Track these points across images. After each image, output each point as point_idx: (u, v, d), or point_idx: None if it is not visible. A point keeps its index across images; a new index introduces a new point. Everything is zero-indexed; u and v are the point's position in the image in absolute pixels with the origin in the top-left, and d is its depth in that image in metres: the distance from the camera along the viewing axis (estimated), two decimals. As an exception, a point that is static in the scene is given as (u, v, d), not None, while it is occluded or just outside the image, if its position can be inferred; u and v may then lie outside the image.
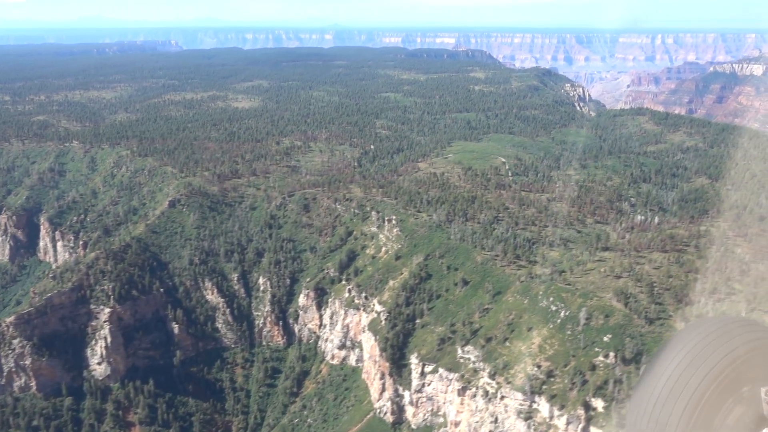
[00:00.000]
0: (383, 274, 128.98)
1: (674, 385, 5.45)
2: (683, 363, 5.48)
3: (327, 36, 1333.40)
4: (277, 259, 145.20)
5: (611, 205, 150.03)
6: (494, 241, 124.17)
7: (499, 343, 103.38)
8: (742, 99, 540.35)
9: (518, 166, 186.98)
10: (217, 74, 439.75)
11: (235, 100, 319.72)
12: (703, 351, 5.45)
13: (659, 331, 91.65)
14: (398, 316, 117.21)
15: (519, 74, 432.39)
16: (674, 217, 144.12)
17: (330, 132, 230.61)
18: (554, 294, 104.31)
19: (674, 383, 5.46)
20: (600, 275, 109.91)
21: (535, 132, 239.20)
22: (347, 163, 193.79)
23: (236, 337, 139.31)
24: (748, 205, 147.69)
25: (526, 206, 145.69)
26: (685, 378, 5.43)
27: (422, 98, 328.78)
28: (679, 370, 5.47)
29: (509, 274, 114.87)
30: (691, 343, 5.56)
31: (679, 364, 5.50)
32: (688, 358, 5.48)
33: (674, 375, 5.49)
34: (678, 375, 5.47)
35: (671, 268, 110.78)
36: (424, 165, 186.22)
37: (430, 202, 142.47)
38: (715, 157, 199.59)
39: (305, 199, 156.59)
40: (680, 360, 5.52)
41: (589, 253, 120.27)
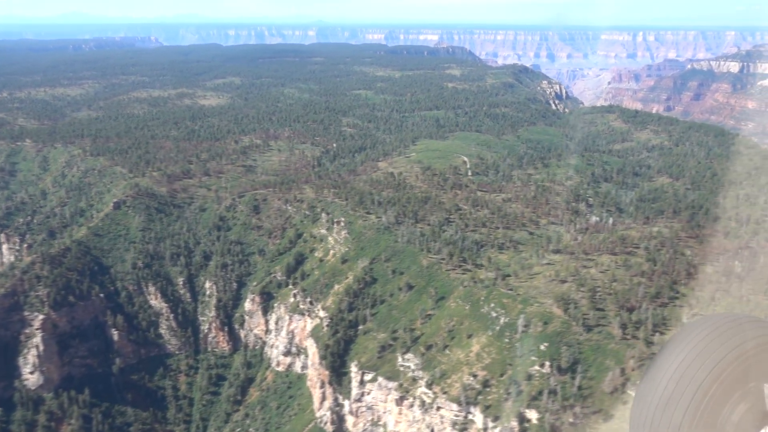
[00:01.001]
0: (329, 278, 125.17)
1: (679, 381, 5.35)
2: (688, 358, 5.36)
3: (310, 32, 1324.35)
4: (225, 262, 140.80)
5: (567, 206, 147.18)
6: (442, 243, 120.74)
7: (438, 351, 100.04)
8: (718, 96, 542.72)
9: (479, 165, 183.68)
10: (190, 71, 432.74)
11: (203, 98, 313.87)
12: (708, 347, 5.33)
13: (597, 339, 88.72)
14: (340, 322, 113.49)
15: (494, 71, 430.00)
16: (630, 218, 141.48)
17: (293, 130, 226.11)
18: (496, 300, 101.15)
19: (679, 379, 5.35)
20: (545, 280, 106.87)
21: (501, 130, 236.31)
22: (306, 162, 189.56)
23: (180, 344, 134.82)
24: (704, 204, 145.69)
25: (479, 207, 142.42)
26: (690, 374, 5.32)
27: (394, 95, 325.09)
28: (684, 366, 5.36)
29: (454, 279, 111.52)
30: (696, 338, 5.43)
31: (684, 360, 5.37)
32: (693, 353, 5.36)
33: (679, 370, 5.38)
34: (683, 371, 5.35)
35: (617, 272, 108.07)
36: (384, 164, 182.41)
37: (381, 203, 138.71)
38: (679, 155, 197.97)
39: (255, 200, 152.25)
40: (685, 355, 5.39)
41: (538, 256, 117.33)
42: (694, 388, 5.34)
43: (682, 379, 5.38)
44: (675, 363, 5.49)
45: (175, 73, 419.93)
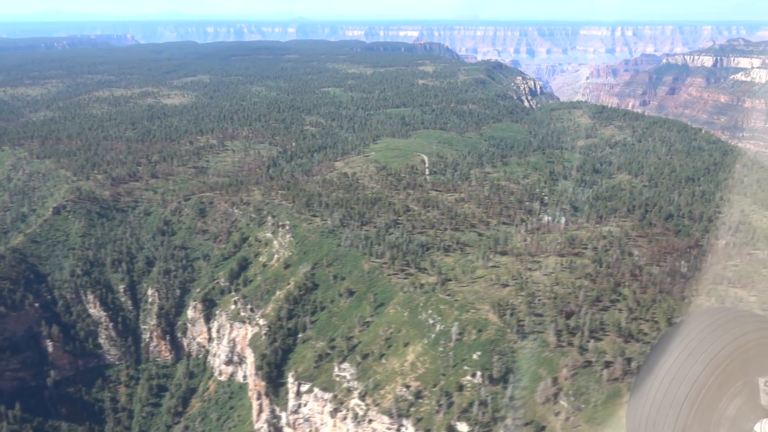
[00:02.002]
0: (271, 284, 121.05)
1: (675, 376, 5.36)
2: (684, 353, 5.37)
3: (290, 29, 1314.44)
4: (168, 268, 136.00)
5: (520, 205, 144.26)
6: (386, 246, 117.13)
7: (375, 360, 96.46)
8: (692, 90, 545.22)
9: (438, 164, 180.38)
10: (160, 69, 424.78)
11: (168, 97, 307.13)
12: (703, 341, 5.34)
13: (531, 347, 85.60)
14: (278, 330, 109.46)
15: (467, 68, 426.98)
16: (583, 217, 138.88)
17: (253, 130, 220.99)
18: (433, 306, 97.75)
19: (675, 374, 5.36)
20: (487, 284, 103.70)
21: (466, 128, 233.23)
22: (261, 162, 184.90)
23: (120, 354, 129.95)
24: (658, 202, 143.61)
25: (430, 208, 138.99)
26: (685, 368, 5.33)
27: (363, 93, 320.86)
28: (679, 361, 5.37)
29: (395, 284, 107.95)
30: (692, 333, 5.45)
31: (680, 355, 5.38)
32: (689, 348, 5.37)
33: (675, 365, 5.39)
34: (678, 366, 5.37)
35: (561, 275, 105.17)
36: (341, 164, 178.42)
37: (328, 205, 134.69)
38: (641, 152, 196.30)
39: (202, 204, 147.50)
40: (681, 350, 5.40)
41: (484, 258, 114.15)
42: (689, 384, 5.27)
43: (678, 374, 5.31)
44: (670, 358, 5.41)
45: (144, 71, 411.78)
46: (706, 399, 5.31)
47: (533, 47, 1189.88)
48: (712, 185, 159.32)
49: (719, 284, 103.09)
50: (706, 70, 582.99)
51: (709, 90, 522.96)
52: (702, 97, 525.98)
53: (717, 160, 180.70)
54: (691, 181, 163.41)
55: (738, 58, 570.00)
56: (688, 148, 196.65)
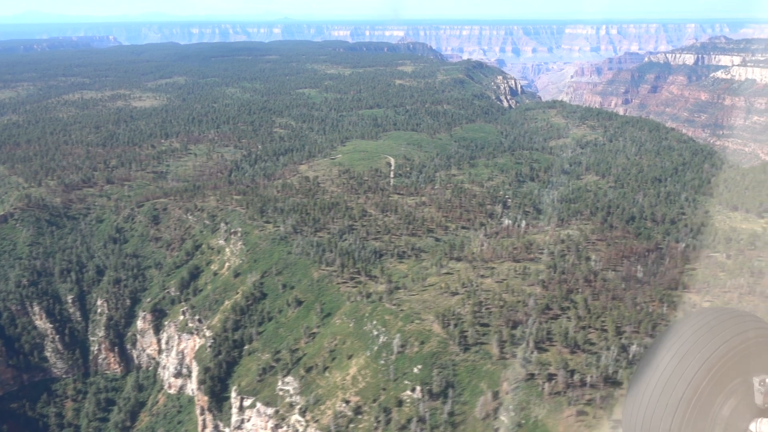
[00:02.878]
0: (220, 293, 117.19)
1: (670, 377, 5.34)
2: (678, 354, 5.35)
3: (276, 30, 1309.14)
4: (118, 277, 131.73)
5: (482, 209, 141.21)
6: (338, 253, 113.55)
7: (318, 374, 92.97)
8: (673, 88, 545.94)
9: (404, 166, 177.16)
10: (137, 71, 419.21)
11: (139, 99, 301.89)
12: (698, 342, 5.34)
13: (473, 359, 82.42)
14: (224, 342, 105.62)
15: (446, 68, 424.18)
16: (545, 220, 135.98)
17: (220, 133, 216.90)
18: (379, 316, 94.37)
19: (670, 374, 5.33)
20: (436, 292, 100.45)
21: (437, 129, 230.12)
22: (223, 166, 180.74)
23: (68, 367, 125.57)
24: (621, 204, 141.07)
25: (389, 212, 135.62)
26: (680, 369, 5.31)
27: (338, 94, 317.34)
28: (674, 362, 5.35)
29: (343, 293, 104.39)
30: (686, 333, 5.44)
31: (675, 355, 5.36)
32: (684, 348, 5.35)
33: (669, 366, 5.36)
34: (673, 366, 5.34)
35: (513, 282, 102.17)
36: (305, 167, 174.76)
37: (283, 211, 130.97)
38: (610, 152, 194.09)
39: (155, 210, 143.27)
40: (676, 351, 5.37)
41: (438, 265, 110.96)
42: (685, 384, 5.25)
43: (673, 374, 5.28)
44: (665, 358, 5.37)
45: (120, 73, 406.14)
46: (701, 399, 5.26)
47: (519, 46, 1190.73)
48: (678, 186, 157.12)
49: (674, 289, 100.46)
50: (687, 68, 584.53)
51: (690, 88, 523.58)
52: (683, 95, 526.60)
53: (686, 160, 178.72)
54: (657, 182, 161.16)
55: (719, 55, 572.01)
56: (658, 147, 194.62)
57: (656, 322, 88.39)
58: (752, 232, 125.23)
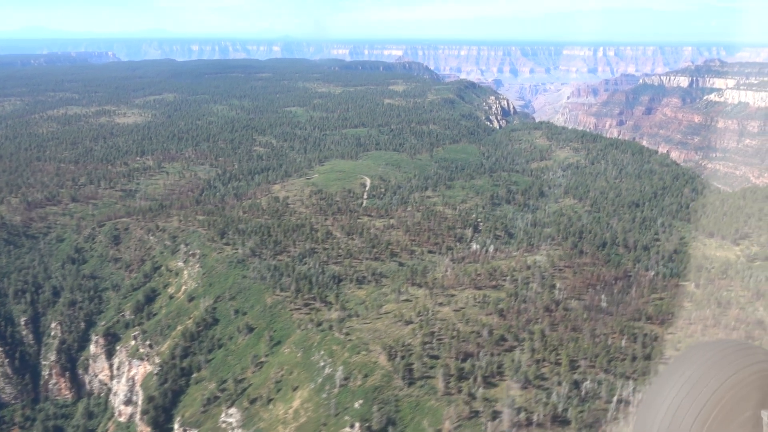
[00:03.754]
0: (173, 318, 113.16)
1: (677, 410, 5.24)
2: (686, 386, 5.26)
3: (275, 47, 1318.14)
4: (74, 299, 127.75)
5: (451, 232, 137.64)
6: (295, 278, 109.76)
7: (262, 406, 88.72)
8: (667, 111, 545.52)
9: (379, 187, 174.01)
10: (128, 87, 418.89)
11: (123, 116, 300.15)
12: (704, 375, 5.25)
13: (417, 394, 78.22)
14: (171, 370, 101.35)
15: (438, 87, 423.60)
16: (515, 245, 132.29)
17: (198, 150, 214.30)
18: (327, 346, 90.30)
19: (677, 407, 5.24)
20: (390, 320, 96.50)
21: (420, 149, 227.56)
22: (196, 185, 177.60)
23: (16, 392, 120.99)
24: (594, 229, 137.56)
25: (355, 235, 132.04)
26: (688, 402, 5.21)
27: (326, 112, 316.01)
28: (682, 394, 5.26)
29: (295, 320, 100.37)
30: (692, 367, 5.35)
31: (683, 388, 5.28)
32: (690, 382, 5.27)
33: (677, 399, 5.27)
34: (681, 399, 5.25)
35: (471, 311, 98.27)
36: (278, 187, 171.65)
37: (244, 232, 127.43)
38: (591, 175, 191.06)
39: (116, 230, 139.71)
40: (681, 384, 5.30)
41: (397, 291, 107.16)
42: (692, 417, 5.11)
43: (681, 407, 5.14)
44: (673, 391, 5.26)
45: (111, 89, 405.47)
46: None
47: (517, 67, 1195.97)
48: (655, 211, 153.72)
49: (637, 320, 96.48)
50: (682, 90, 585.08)
51: (684, 110, 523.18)
52: (676, 117, 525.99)
53: (666, 184, 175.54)
54: (635, 207, 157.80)
55: (713, 78, 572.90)
56: (639, 171, 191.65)
57: (613, 356, 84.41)
58: (725, 260, 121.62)
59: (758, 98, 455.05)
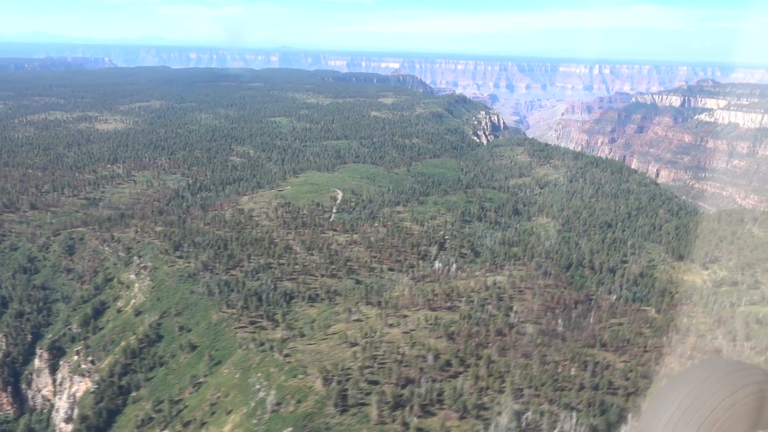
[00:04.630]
0: (118, 333, 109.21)
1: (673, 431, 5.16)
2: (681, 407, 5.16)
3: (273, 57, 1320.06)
4: (22, 310, 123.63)
5: (415, 250, 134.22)
6: (244, 294, 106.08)
7: (195, 429, 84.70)
8: (658, 129, 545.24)
9: (350, 201, 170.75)
10: (116, 93, 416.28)
11: (105, 122, 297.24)
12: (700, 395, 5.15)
13: (349, 423, 74.36)
14: (108, 388, 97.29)
15: (427, 101, 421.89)
16: (480, 264, 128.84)
17: (172, 159, 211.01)
18: (265, 368, 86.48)
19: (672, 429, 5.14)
20: (335, 342, 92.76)
21: (399, 162, 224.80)
22: (164, 195, 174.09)
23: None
24: (561, 249, 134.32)
25: (315, 250, 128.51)
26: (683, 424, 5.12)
27: (310, 123, 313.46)
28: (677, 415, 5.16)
29: (239, 339, 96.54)
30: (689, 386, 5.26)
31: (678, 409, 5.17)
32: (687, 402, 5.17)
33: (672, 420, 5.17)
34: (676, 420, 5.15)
35: (420, 333, 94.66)
36: (246, 199, 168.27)
37: (199, 245, 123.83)
38: (568, 193, 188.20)
39: (71, 239, 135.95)
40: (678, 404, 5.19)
41: (350, 310, 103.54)
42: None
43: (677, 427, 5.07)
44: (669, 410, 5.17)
45: (98, 95, 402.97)
46: None
47: (513, 82, 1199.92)
48: (627, 232, 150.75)
49: (591, 347, 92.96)
50: (674, 109, 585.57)
51: (674, 129, 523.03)
52: (667, 136, 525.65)
53: (642, 205, 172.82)
54: (607, 227, 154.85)
55: (705, 98, 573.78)
56: (616, 190, 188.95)
57: (560, 386, 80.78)
58: (691, 285, 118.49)
59: (748, 119, 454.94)
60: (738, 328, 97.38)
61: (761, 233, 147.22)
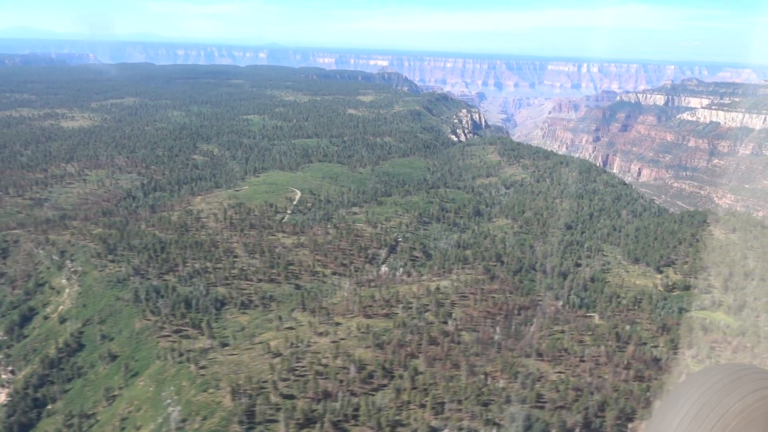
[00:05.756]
0: (41, 341, 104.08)
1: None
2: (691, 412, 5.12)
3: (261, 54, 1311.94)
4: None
5: (364, 252, 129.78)
6: (173, 301, 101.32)
7: (104, 445, 79.92)
8: (641, 128, 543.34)
9: (307, 201, 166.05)
10: (91, 90, 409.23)
11: (72, 119, 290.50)
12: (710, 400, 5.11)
13: (254, 441, 69.92)
14: (22, 401, 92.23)
15: (407, 99, 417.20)
16: (426, 268, 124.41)
17: (131, 158, 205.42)
18: (178, 381, 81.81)
19: None
20: (258, 352, 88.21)
21: (367, 161, 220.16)
22: (115, 195, 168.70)
23: None
24: (514, 252, 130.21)
25: (257, 254, 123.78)
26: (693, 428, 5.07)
27: (283, 121, 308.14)
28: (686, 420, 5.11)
29: (161, 349, 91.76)
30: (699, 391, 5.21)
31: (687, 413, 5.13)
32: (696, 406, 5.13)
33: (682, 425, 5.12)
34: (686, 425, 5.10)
35: (349, 342, 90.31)
36: (199, 199, 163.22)
37: (135, 248, 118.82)
38: (533, 193, 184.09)
39: (5, 242, 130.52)
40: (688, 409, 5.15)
41: (282, 318, 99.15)
42: None
43: None
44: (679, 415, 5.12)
45: (72, 91, 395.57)
46: None
47: (501, 80, 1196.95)
48: (586, 234, 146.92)
49: (527, 356, 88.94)
50: (658, 108, 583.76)
51: (657, 128, 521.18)
52: (650, 135, 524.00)
53: (605, 206, 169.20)
54: (567, 229, 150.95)
55: (689, 97, 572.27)
56: (582, 191, 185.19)
57: (485, 399, 76.63)
58: (642, 290, 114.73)
59: (729, 118, 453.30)
60: (682, 336, 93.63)
61: (722, 235, 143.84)
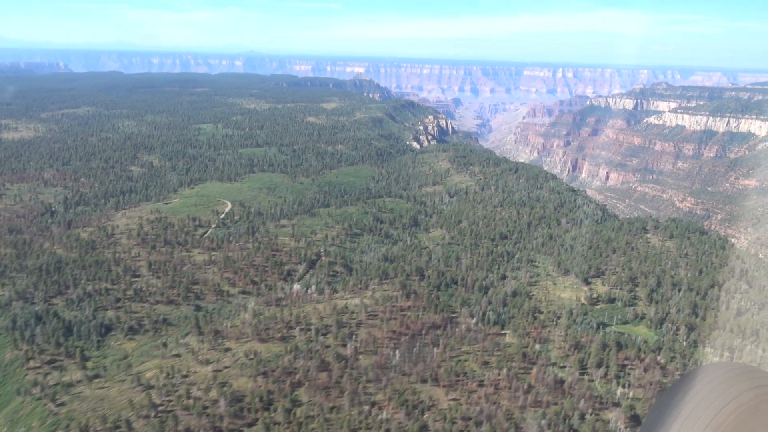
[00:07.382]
0: None
1: None
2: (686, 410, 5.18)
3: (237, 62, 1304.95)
4: None
5: (280, 269, 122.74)
6: (53, 327, 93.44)
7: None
8: (609, 132, 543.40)
9: (236, 214, 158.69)
10: (47, 99, 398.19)
11: (14, 130, 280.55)
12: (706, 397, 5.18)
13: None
14: None
15: (371, 106, 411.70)
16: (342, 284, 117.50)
17: (60, 170, 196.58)
18: (30, 421, 74.09)
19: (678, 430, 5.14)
20: (130, 385, 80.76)
21: (310, 171, 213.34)
22: (33, 210, 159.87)
23: None
24: (437, 265, 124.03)
25: (161, 273, 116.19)
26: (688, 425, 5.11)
27: (237, 129, 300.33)
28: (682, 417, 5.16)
29: (28, 382, 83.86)
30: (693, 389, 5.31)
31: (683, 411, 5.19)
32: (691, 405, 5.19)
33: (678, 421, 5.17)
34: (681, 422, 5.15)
35: (231, 371, 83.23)
36: (120, 214, 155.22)
37: (26, 269, 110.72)
38: (474, 202, 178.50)
39: None
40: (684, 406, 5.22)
41: (170, 344, 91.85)
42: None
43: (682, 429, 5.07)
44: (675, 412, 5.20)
45: (27, 101, 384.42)
46: None
47: (477, 86, 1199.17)
48: (520, 244, 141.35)
49: (424, 382, 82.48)
50: (627, 112, 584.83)
51: (625, 132, 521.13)
52: (618, 139, 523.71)
53: (546, 214, 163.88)
54: (501, 239, 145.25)
55: (657, 101, 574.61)
56: (526, 198, 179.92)
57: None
58: (564, 304, 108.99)
59: (693, 121, 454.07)
60: (592, 354, 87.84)
61: (658, 242, 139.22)
